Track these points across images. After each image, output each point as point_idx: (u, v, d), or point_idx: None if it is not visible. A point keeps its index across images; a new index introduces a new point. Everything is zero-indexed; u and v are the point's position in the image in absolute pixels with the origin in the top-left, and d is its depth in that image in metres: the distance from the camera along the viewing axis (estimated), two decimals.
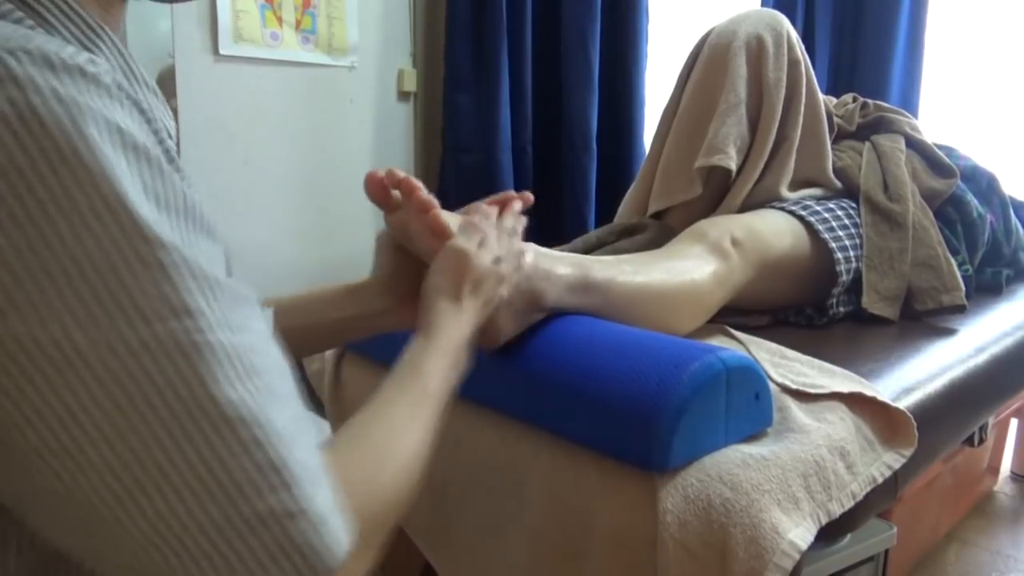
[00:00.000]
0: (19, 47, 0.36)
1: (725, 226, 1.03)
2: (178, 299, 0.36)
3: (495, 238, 0.70)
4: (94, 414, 0.35)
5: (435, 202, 0.69)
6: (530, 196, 0.78)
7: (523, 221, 0.77)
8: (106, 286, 0.35)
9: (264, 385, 0.39)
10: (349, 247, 1.88)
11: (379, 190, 0.70)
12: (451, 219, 0.72)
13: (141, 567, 0.37)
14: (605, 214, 2.09)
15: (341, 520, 0.41)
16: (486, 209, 0.73)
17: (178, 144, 1.60)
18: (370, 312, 0.78)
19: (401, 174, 0.69)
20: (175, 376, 0.36)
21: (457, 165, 1.90)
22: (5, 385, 0.34)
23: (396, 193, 0.71)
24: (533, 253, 0.79)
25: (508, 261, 0.70)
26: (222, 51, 1.66)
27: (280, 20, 1.75)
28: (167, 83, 1.61)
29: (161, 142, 0.44)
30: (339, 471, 0.44)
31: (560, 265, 0.82)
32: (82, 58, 0.38)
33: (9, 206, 0.34)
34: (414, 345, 0.61)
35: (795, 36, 1.20)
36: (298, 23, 1.78)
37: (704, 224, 1.05)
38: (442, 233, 0.68)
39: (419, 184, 0.69)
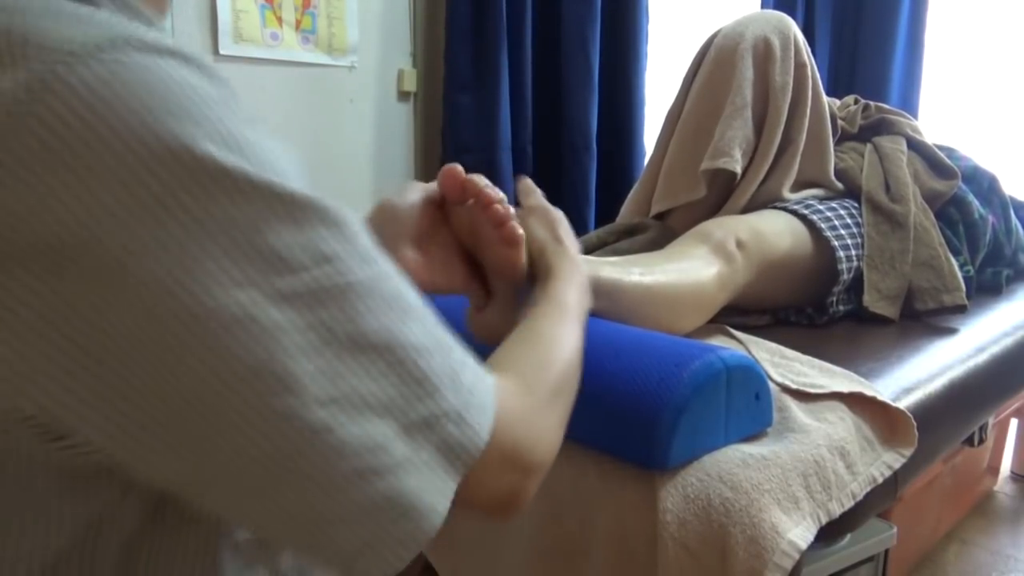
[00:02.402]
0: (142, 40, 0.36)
1: (730, 227, 1.03)
2: (318, 249, 0.38)
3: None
4: (277, 357, 0.36)
5: (513, 214, 0.67)
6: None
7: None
8: (256, 249, 0.36)
9: (400, 308, 0.41)
10: None
11: (458, 191, 0.68)
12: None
13: (321, 493, 0.38)
14: (605, 214, 2.09)
15: (486, 403, 0.44)
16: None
17: None
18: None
19: (479, 187, 0.67)
20: (328, 318, 0.38)
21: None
22: (192, 347, 0.35)
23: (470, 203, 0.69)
24: None
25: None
26: (222, 51, 1.66)
27: (280, 20, 1.75)
28: None
29: None
30: (509, 359, 0.52)
31: None
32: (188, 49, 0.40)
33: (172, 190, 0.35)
34: (540, 287, 0.64)
35: (802, 39, 1.20)
36: (298, 23, 1.78)
37: (709, 225, 1.05)
38: (516, 244, 0.67)
39: (500, 196, 0.67)
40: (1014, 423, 1.87)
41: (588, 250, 1.19)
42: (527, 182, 0.77)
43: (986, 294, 1.34)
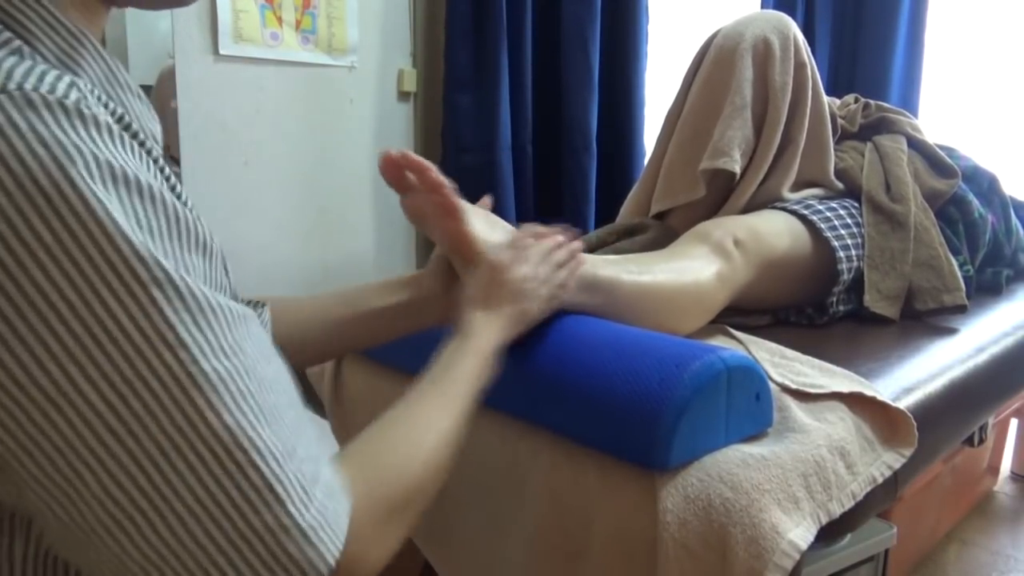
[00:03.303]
0: None
1: (728, 227, 1.03)
2: (171, 332, 0.38)
3: (536, 260, 0.73)
4: (92, 446, 0.36)
5: (447, 183, 0.70)
6: (579, 246, 0.80)
7: (578, 260, 0.80)
8: (101, 325, 0.36)
9: (257, 405, 0.40)
10: (349, 247, 1.88)
11: (394, 170, 0.70)
12: (470, 209, 0.74)
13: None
14: (605, 214, 2.09)
15: (335, 525, 0.42)
16: (543, 233, 0.76)
17: (178, 144, 1.60)
18: (414, 300, 0.81)
19: (414, 156, 0.70)
20: (170, 406, 0.37)
21: (457, 165, 1.90)
22: (3, 421, 0.36)
23: (411, 176, 0.71)
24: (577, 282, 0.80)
25: (545, 285, 0.73)
26: (222, 51, 1.66)
27: (280, 20, 1.75)
28: (167, 83, 1.61)
29: (149, 151, 0.45)
30: (368, 458, 0.49)
31: None
32: (61, 88, 0.38)
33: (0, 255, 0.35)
34: (447, 348, 0.64)
35: (801, 39, 1.20)
36: (298, 23, 1.78)
37: (707, 225, 1.05)
38: (452, 212, 0.69)
39: (431, 165, 0.70)
40: (1014, 423, 1.87)
41: (589, 250, 1.19)
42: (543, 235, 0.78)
43: (986, 294, 1.34)
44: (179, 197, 0.44)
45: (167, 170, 0.46)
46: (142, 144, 0.44)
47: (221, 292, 0.43)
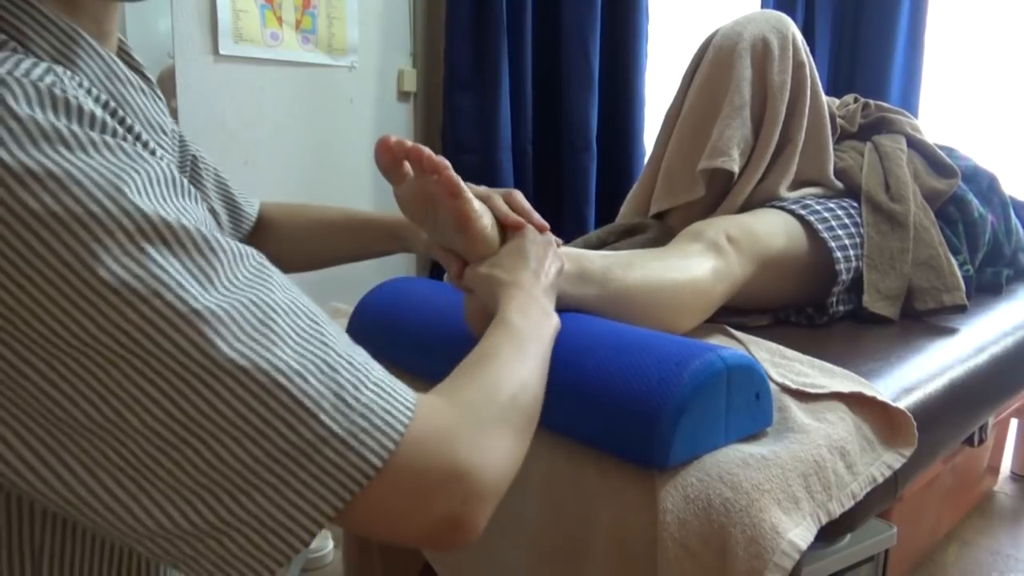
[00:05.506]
0: None
1: (721, 225, 1.03)
2: (170, 276, 0.38)
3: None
4: (127, 387, 0.37)
5: (447, 163, 0.69)
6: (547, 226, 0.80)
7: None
8: (100, 278, 0.37)
9: (270, 330, 0.40)
10: None
11: (390, 157, 0.69)
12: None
13: (207, 513, 0.39)
14: (605, 214, 2.10)
15: (388, 420, 0.43)
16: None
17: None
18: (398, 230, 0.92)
19: (409, 143, 0.68)
20: (175, 346, 0.38)
21: (457, 165, 1.89)
22: (52, 363, 0.36)
23: (407, 165, 0.71)
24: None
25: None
26: (222, 51, 1.66)
27: (280, 20, 1.75)
28: (167, 83, 1.61)
29: (146, 144, 0.45)
30: (448, 381, 0.51)
31: None
32: (37, 73, 0.39)
33: None
34: (494, 320, 0.63)
35: (800, 39, 1.20)
36: (298, 23, 1.78)
37: (700, 224, 1.05)
38: (457, 191, 0.69)
39: (427, 149, 0.69)
40: (1014, 423, 1.87)
41: (588, 250, 1.19)
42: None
43: (986, 294, 1.34)
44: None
45: (167, 159, 0.46)
46: (138, 137, 0.44)
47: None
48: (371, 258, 0.96)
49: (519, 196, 0.79)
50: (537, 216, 0.77)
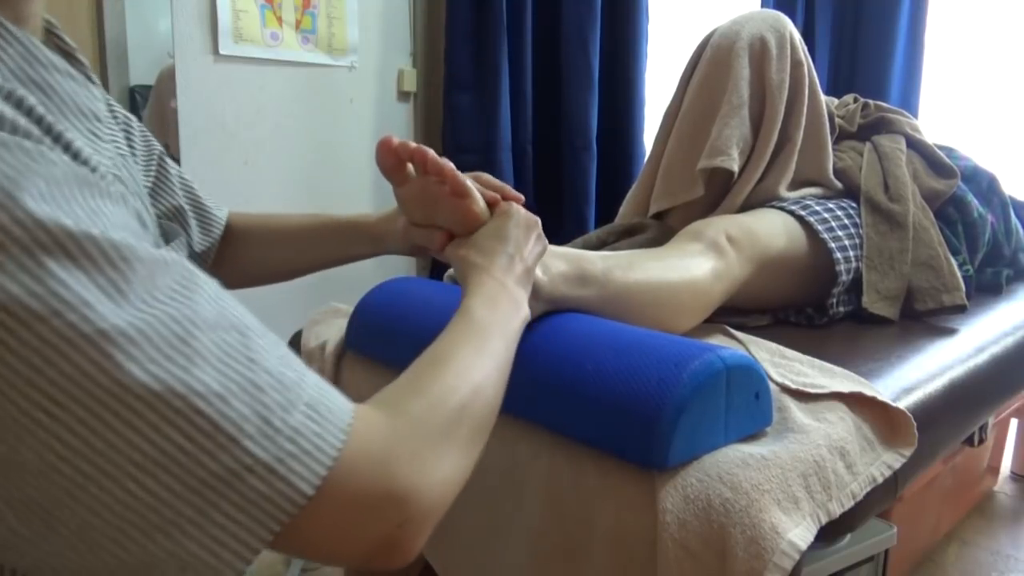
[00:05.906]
0: None
1: (720, 225, 1.03)
2: (73, 293, 0.35)
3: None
4: (21, 421, 0.34)
5: (451, 165, 0.69)
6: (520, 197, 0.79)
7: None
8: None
9: (190, 348, 0.37)
10: None
11: (392, 159, 0.68)
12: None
13: (122, 554, 0.36)
14: (605, 214, 2.10)
15: (318, 446, 0.40)
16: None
17: (178, 144, 1.60)
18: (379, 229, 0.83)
19: (413, 145, 0.68)
20: (79, 371, 0.34)
21: (457, 165, 1.90)
22: None
23: (409, 167, 0.70)
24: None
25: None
26: (222, 51, 1.66)
27: (280, 20, 1.75)
28: (167, 83, 1.61)
29: (57, 137, 0.41)
30: (394, 386, 0.48)
31: (556, 258, 0.82)
32: None
33: None
34: (458, 307, 0.61)
35: (798, 37, 1.20)
36: (298, 23, 1.78)
37: (699, 224, 1.05)
38: (464, 192, 0.68)
39: (430, 150, 0.68)
40: (1014, 423, 1.87)
41: (588, 250, 1.19)
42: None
43: (986, 294, 1.34)
44: (95, 170, 0.41)
45: (85, 151, 0.42)
46: (48, 130, 0.40)
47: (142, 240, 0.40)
48: (350, 262, 0.91)
49: (487, 176, 0.77)
50: (511, 189, 0.76)
